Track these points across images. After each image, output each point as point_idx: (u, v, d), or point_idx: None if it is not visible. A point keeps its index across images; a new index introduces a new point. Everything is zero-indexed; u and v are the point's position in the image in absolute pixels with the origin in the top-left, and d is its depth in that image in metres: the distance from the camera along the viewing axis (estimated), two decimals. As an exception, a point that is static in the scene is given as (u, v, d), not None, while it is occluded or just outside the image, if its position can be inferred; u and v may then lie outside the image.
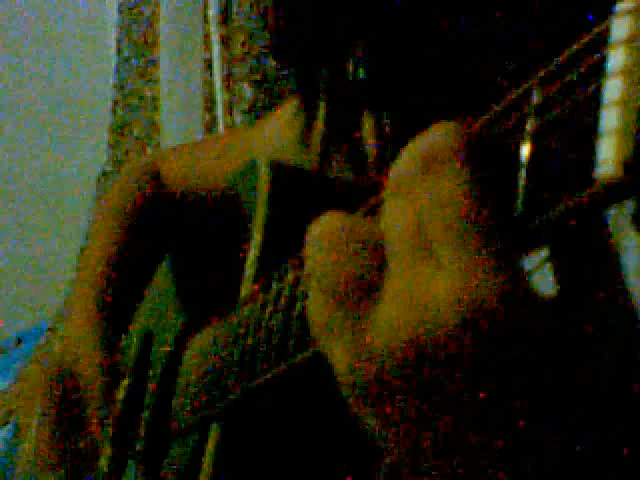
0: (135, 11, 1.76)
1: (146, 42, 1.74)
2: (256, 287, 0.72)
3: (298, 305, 0.59)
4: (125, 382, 0.95)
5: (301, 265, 0.59)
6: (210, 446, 0.72)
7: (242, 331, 0.70)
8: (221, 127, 1.58)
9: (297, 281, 0.60)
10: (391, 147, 0.72)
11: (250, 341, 0.68)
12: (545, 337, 0.42)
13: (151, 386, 0.90)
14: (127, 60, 1.77)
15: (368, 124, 0.75)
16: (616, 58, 0.37)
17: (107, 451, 0.92)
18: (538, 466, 0.44)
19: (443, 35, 0.66)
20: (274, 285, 0.64)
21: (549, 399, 0.44)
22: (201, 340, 0.82)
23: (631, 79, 0.36)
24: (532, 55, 0.58)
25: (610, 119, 0.36)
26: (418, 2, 0.68)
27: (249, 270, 0.75)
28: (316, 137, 0.81)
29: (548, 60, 0.41)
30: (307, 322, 0.52)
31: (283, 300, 0.62)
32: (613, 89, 0.36)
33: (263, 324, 0.66)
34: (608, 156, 0.36)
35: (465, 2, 0.66)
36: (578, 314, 0.48)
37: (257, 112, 1.50)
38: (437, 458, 0.45)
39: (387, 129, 0.72)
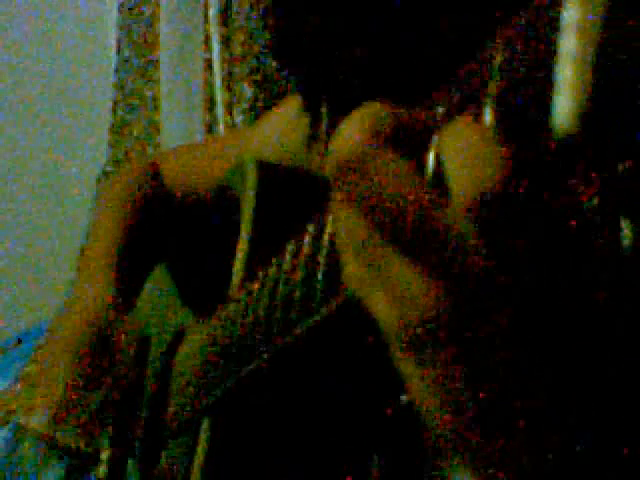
0: (135, 11, 1.76)
1: (146, 42, 1.74)
2: (244, 280, 0.72)
3: (321, 260, 0.55)
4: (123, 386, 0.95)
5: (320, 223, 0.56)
6: (200, 447, 0.72)
7: (233, 320, 0.70)
8: (221, 127, 1.58)
9: (319, 235, 0.56)
10: None
11: (241, 329, 0.68)
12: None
13: (150, 386, 0.90)
14: (127, 60, 1.77)
15: None
16: (569, 13, 0.36)
17: (107, 451, 0.92)
18: (538, 466, 0.44)
19: (444, 34, 0.66)
20: (288, 252, 0.61)
21: (549, 399, 0.44)
22: (199, 340, 0.82)
23: (585, 32, 0.35)
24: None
25: (566, 73, 0.36)
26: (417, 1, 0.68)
27: (237, 266, 0.75)
28: (321, 139, 0.81)
29: (506, 20, 0.40)
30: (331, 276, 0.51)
31: (303, 259, 0.58)
32: (568, 44, 0.36)
33: (264, 300, 0.64)
34: (564, 110, 0.35)
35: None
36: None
37: (257, 112, 1.50)
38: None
39: None
